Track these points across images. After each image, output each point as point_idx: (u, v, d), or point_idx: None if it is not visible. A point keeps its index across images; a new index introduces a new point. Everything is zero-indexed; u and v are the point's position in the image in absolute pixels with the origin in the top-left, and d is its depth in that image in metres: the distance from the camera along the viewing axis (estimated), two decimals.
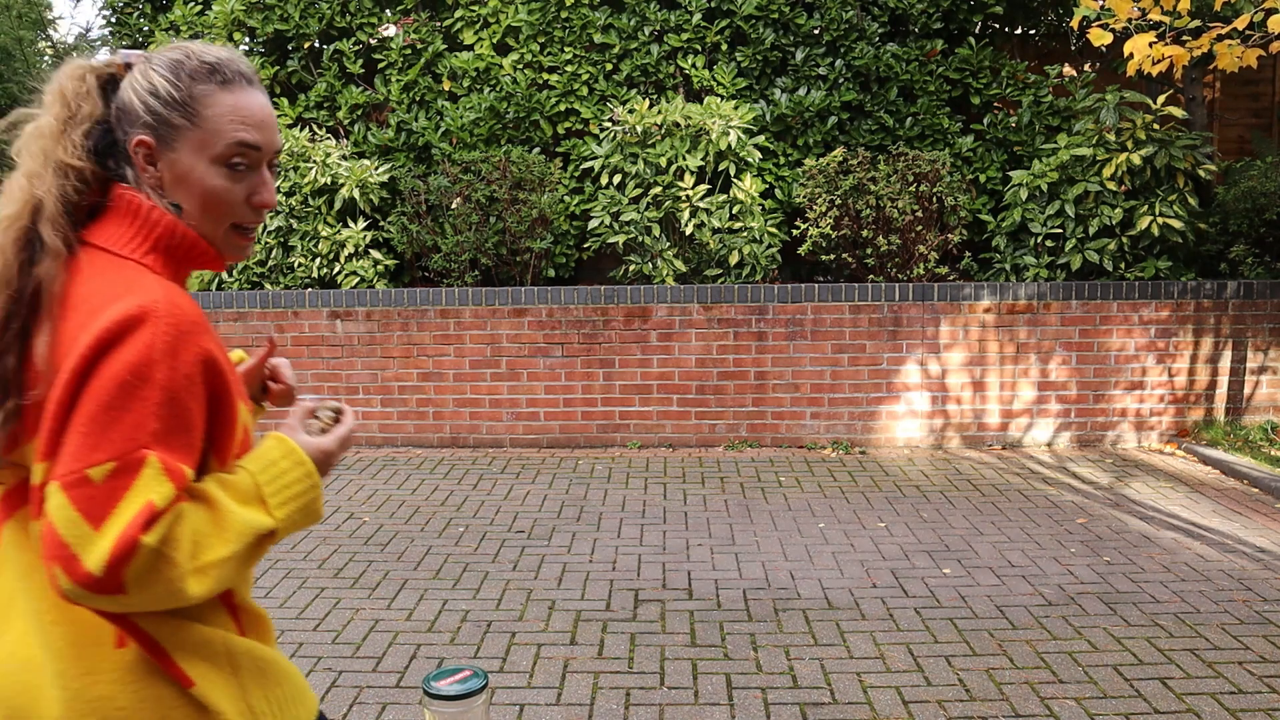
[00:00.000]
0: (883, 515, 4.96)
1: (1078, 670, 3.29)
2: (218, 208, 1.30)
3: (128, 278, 1.23)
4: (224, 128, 1.28)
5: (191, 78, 1.28)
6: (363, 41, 7.28)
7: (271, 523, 1.25)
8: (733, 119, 6.37)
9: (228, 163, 1.29)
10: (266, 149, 1.31)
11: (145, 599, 1.15)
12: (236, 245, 1.35)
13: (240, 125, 1.28)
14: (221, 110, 1.28)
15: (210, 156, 1.28)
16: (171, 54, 1.30)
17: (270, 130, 1.32)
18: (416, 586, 4.13)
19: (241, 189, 1.31)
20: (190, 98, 1.28)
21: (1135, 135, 6.14)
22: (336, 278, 6.64)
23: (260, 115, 1.30)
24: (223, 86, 1.29)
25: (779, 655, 3.43)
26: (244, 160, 1.29)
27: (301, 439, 1.33)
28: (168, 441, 1.17)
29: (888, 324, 6.24)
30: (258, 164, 1.31)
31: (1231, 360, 6.24)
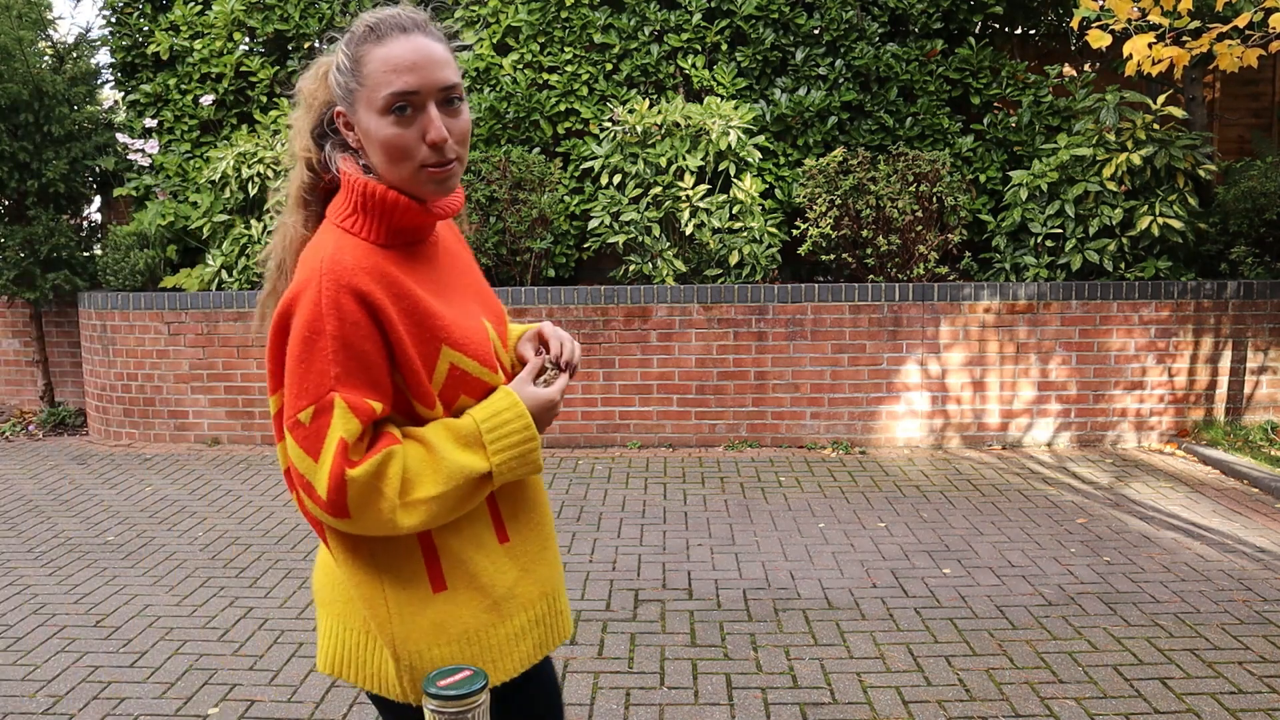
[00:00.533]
0: (883, 515, 4.96)
1: (1078, 670, 3.29)
2: (396, 155, 1.38)
3: (319, 242, 1.41)
4: (380, 80, 1.36)
5: (357, 43, 1.40)
6: None
7: (486, 466, 1.40)
8: (733, 119, 6.37)
9: (391, 110, 1.36)
10: (424, 89, 1.36)
11: (367, 525, 1.36)
12: (431, 184, 1.41)
13: (392, 74, 1.36)
14: (376, 65, 1.37)
15: (377, 110, 1.37)
16: (353, 25, 1.43)
17: (424, 70, 1.36)
18: None
19: (413, 132, 1.38)
20: (355, 61, 1.39)
21: (1135, 135, 6.14)
22: None
23: (411, 60, 1.36)
24: (377, 42, 1.38)
25: (779, 655, 3.43)
26: (406, 104, 1.36)
27: (526, 391, 1.49)
28: (349, 382, 1.34)
29: (888, 324, 6.24)
30: (421, 105, 1.37)
31: (1231, 360, 6.24)
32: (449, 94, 1.39)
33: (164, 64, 7.47)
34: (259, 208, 6.83)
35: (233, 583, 4.21)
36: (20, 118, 6.93)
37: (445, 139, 1.38)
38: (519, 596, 1.52)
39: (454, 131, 1.40)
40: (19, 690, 3.28)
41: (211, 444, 6.67)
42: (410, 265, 1.45)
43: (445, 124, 1.39)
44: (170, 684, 3.31)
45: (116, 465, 6.25)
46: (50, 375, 7.70)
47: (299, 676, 3.35)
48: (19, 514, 5.26)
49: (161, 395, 6.72)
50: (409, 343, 1.38)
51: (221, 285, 6.81)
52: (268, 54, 7.41)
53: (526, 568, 1.54)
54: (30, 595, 4.11)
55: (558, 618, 1.61)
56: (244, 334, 6.57)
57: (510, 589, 1.50)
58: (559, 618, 1.61)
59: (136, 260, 6.85)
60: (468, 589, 1.47)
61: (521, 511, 1.55)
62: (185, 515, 5.16)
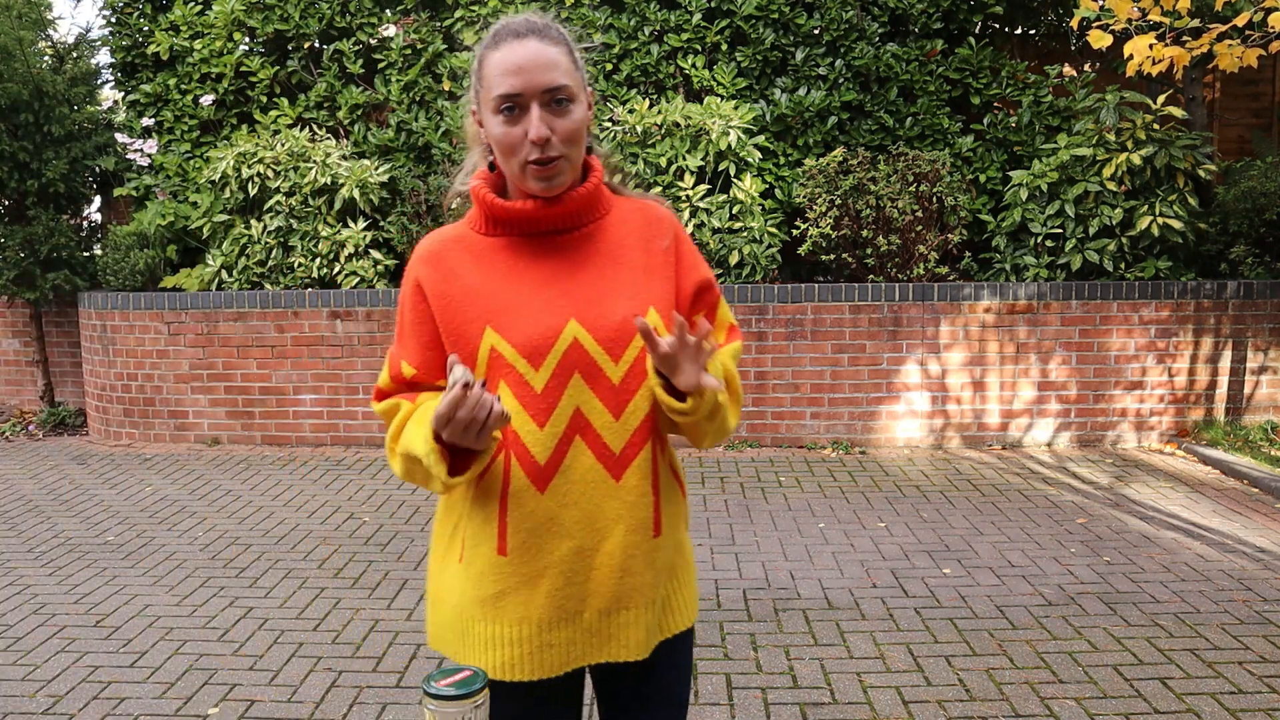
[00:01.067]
0: (883, 515, 4.96)
1: (1078, 670, 3.29)
2: (505, 151, 1.50)
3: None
4: (492, 83, 1.48)
5: (482, 48, 1.52)
6: (363, 41, 7.27)
7: (421, 450, 1.46)
8: (733, 119, 6.37)
9: (500, 110, 1.47)
10: (528, 91, 1.46)
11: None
12: (535, 180, 1.51)
13: (500, 77, 1.47)
14: (490, 68, 1.49)
15: (491, 109, 1.49)
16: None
17: (529, 73, 1.45)
18: (416, 586, 4.13)
19: (519, 130, 1.47)
20: (479, 64, 1.52)
21: (1135, 135, 6.14)
22: (336, 278, 6.64)
23: (517, 63, 1.46)
24: (494, 47, 1.49)
25: (779, 655, 3.43)
26: (512, 105, 1.47)
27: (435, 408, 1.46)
28: (398, 342, 1.61)
29: (888, 324, 6.24)
30: (525, 106, 1.46)
31: (1231, 360, 6.24)
32: (554, 95, 1.46)
33: (164, 64, 7.47)
34: (259, 208, 6.84)
35: (233, 583, 4.21)
36: (20, 118, 6.93)
37: (544, 138, 1.46)
38: (505, 609, 1.54)
39: (558, 130, 1.47)
40: (19, 690, 3.28)
41: (211, 444, 6.67)
42: (508, 253, 1.57)
43: (550, 123, 1.46)
44: (170, 684, 3.31)
45: (116, 465, 6.25)
46: (50, 375, 7.70)
47: (299, 676, 3.35)
48: (19, 514, 5.26)
49: (161, 395, 6.72)
50: (441, 319, 1.55)
51: (221, 285, 6.81)
52: (268, 54, 7.41)
53: (516, 589, 1.54)
54: (30, 595, 4.11)
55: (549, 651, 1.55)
56: (244, 334, 6.57)
57: (499, 594, 1.54)
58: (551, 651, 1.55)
59: (136, 260, 6.85)
60: (470, 573, 1.57)
61: (534, 538, 1.52)
62: (185, 515, 5.16)
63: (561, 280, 1.56)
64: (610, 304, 1.55)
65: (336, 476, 5.85)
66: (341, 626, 3.75)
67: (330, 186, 6.68)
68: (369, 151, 7.15)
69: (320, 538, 4.77)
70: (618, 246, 1.60)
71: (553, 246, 1.58)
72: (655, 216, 1.65)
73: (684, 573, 1.69)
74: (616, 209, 1.64)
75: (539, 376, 1.51)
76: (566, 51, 1.50)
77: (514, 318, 1.52)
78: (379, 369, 6.48)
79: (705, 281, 1.66)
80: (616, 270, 1.58)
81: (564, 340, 1.52)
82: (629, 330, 1.54)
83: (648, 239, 1.62)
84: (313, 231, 6.64)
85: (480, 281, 1.55)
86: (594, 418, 1.53)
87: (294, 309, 6.51)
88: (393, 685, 3.28)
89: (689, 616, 1.69)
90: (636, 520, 1.55)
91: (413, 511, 5.15)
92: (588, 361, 1.52)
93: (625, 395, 1.54)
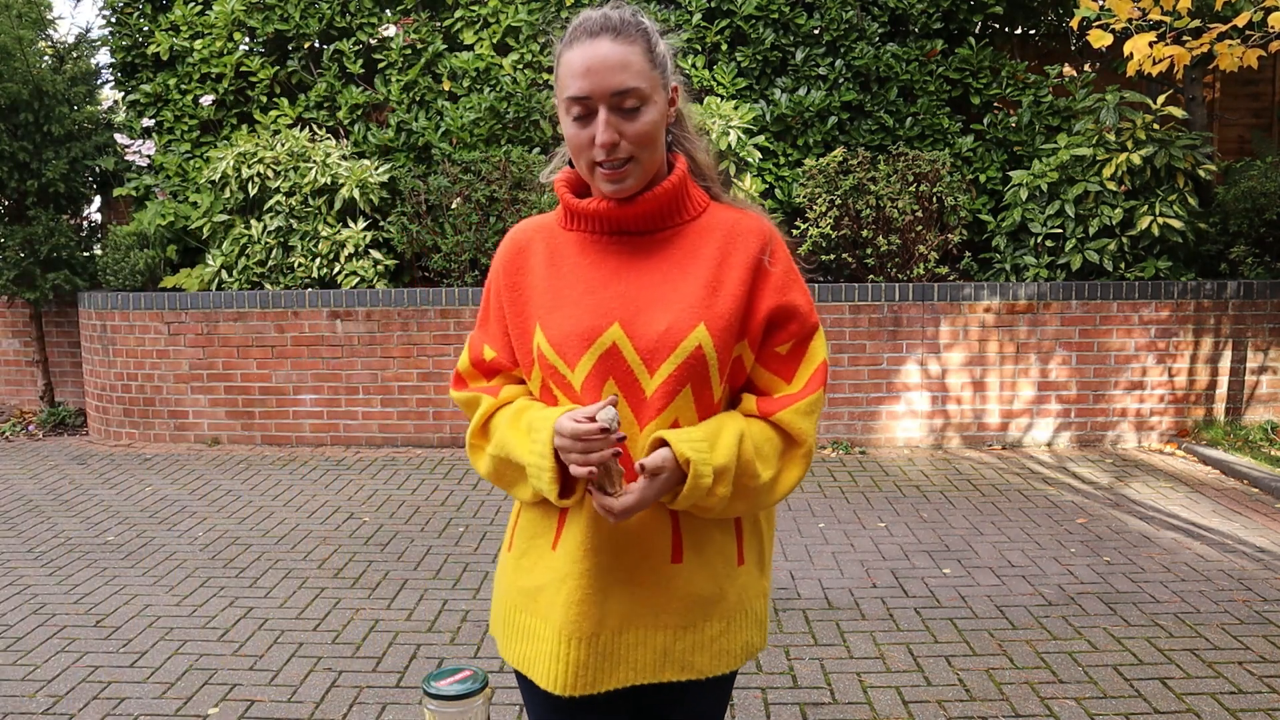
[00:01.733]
0: (883, 515, 4.96)
1: (1078, 670, 3.29)
2: (575, 151, 1.47)
3: None
4: (563, 84, 1.45)
5: (560, 45, 1.48)
6: (363, 41, 7.27)
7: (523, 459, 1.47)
8: (733, 119, 6.37)
9: (570, 113, 1.44)
10: (595, 95, 1.41)
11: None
12: (604, 183, 1.47)
13: (570, 78, 1.43)
14: (562, 69, 1.45)
15: (564, 109, 1.45)
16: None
17: (595, 76, 1.40)
18: (416, 586, 4.13)
19: (587, 134, 1.44)
20: (558, 63, 1.47)
21: (1135, 135, 6.14)
22: (336, 278, 6.64)
23: (584, 66, 1.41)
24: (568, 46, 1.45)
25: (779, 655, 3.43)
26: (579, 109, 1.43)
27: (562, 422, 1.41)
28: (480, 325, 1.62)
29: (888, 324, 6.24)
30: (593, 110, 1.42)
31: (1231, 360, 6.24)
32: (623, 100, 1.41)
33: (164, 64, 7.47)
34: (259, 208, 6.84)
35: (233, 583, 4.21)
36: (20, 118, 6.93)
37: (611, 143, 1.42)
38: (540, 604, 1.53)
39: (627, 134, 1.42)
40: (19, 690, 3.28)
41: (211, 444, 6.67)
42: (577, 249, 1.54)
43: (619, 127, 1.42)
44: (170, 684, 3.31)
45: (116, 465, 6.25)
46: (50, 375, 7.70)
47: (299, 676, 3.35)
48: (19, 514, 5.26)
49: (161, 395, 6.72)
50: (506, 310, 1.56)
51: (221, 285, 6.81)
52: (268, 54, 7.41)
53: (551, 585, 1.52)
54: (30, 595, 4.11)
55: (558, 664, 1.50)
56: (244, 334, 6.56)
57: (539, 588, 1.54)
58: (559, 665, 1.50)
59: (136, 260, 6.85)
60: (521, 563, 1.57)
61: (575, 539, 1.48)
62: (185, 515, 5.16)
63: (620, 282, 1.50)
64: (658, 313, 1.47)
65: (336, 476, 5.85)
66: (341, 626, 3.75)
67: (330, 186, 6.68)
68: (369, 151, 7.15)
69: (320, 538, 4.77)
70: (692, 255, 1.51)
71: (625, 247, 1.52)
72: (746, 228, 1.53)
73: (722, 613, 1.55)
74: (707, 216, 1.54)
75: (576, 375, 1.47)
76: (643, 49, 1.45)
77: (561, 315, 1.49)
78: (379, 369, 6.49)
79: (789, 308, 1.52)
80: (680, 279, 1.49)
81: (602, 343, 1.46)
82: (669, 342, 1.45)
83: (727, 251, 1.51)
84: (313, 231, 6.63)
85: (547, 277, 1.53)
86: (625, 427, 1.47)
87: (294, 309, 6.51)
88: (393, 685, 3.28)
89: (724, 661, 1.56)
90: (651, 544, 1.50)
91: (413, 511, 5.15)
92: (624, 369, 1.46)
93: (654, 411, 1.47)
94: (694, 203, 1.53)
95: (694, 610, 1.53)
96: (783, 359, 1.53)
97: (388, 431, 6.54)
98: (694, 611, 1.53)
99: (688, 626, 1.53)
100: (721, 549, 1.54)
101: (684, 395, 1.47)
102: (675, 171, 1.51)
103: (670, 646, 1.53)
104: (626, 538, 1.49)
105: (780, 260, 1.54)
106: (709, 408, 1.50)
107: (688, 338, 1.45)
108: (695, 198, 1.54)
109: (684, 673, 1.53)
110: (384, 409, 6.53)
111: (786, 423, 1.50)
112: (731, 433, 1.47)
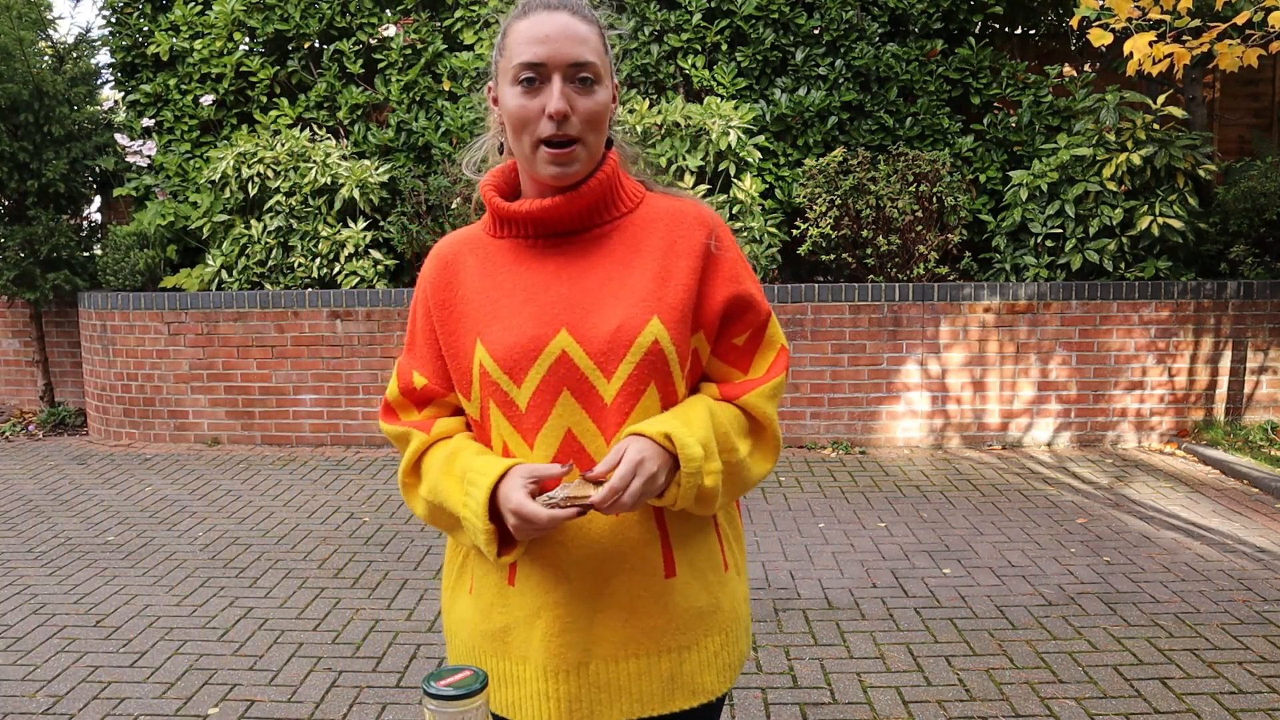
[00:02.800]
0: (883, 515, 4.96)
1: (1078, 670, 3.29)
2: (517, 126, 1.37)
3: None
4: (515, 52, 1.36)
5: (509, 19, 1.40)
6: (363, 41, 7.27)
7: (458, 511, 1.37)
8: (733, 119, 6.37)
9: (520, 81, 1.35)
10: (551, 62, 1.33)
11: None
12: (547, 165, 1.37)
13: (524, 45, 1.35)
14: (514, 37, 1.37)
15: (509, 80, 1.36)
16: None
17: (556, 43, 1.33)
18: (416, 586, 4.13)
19: (536, 104, 1.34)
20: (503, 35, 1.40)
21: (1135, 135, 6.14)
22: (336, 278, 6.64)
23: (545, 32, 1.34)
24: (521, 16, 1.38)
25: (779, 655, 3.43)
26: (533, 75, 1.34)
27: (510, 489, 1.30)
28: (408, 350, 1.50)
29: (888, 324, 6.24)
30: (547, 77, 1.34)
31: (1231, 360, 6.24)
32: (579, 71, 1.34)
33: (164, 64, 7.47)
34: (259, 208, 6.84)
35: (233, 583, 4.21)
36: (20, 118, 6.93)
37: (563, 112, 1.33)
38: (511, 645, 1.43)
39: (579, 109, 1.34)
40: (19, 690, 3.28)
41: (211, 444, 6.67)
42: (511, 257, 1.45)
43: (571, 100, 1.34)
44: (170, 684, 3.31)
45: (116, 465, 6.25)
46: (50, 375, 7.70)
47: (299, 676, 3.35)
48: (19, 514, 5.25)
49: (161, 395, 6.72)
50: (438, 330, 1.45)
51: (221, 285, 6.81)
52: (268, 54, 7.41)
53: (519, 624, 1.42)
54: (30, 595, 4.11)
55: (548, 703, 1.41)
56: (244, 334, 6.56)
57: (505, 629, 1.43)
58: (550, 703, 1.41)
59: (136, 260, 6.85)
60: (479, 605, 1.46)
61: (538, 570, 1.39)
62: (185, 515, 5.16)
63: (562, 284, 1.40)
64: (607, 312, 1.37)
65: (336, 476, 5.85)
66: (341, 626, 3.75)
67: (330, 186, 6.68)
68: (369, 151, 7.15)
69: (320, 538, 4.77)
70: (634, 248, 1.42)
71: (562, 248, 1.43)
72: (688, 216, 1.44)
73: (719, 625, 1.46)
74: (645, 207, 1.46)
75: (522, 393, 1.36)
76: (597, 33, 1.39)
77: (502, 328, 1.38)
78: (379, 369, 6.48)
79: (744, 298, 1.44)
80: (626, 274, 1.40)
81: (550, 353, 1.36)
82: (623, 340, 1.35)
83: (672, 240, 1.42)
84: (313, 231, 6.63)
85: (480, 289, 1.43)
86: (587, 441, 1.36)
87: (294, 309, 6.51)
88: (393, 685, 3.28)
89: (728, 676, 1.48)
90: (641, 559, 1.39)
91: (412, 512, 5.15)
92: (578, 377, 1.36)
93: (618, 417, 1.36)
94: (629, 195, 1.45)
95: (695, 627, 1.44)
96: (740, 350, 1.45)
97: None
98: (695, 628, 1.44)
99: (691, 646, 1.44)
100: (710, 556, 1.46)
101: (649, 396, 1.37)
102: (607, 162, 1.42)
103: (676, 670, 1.43)
104: (610, 556, 1.38)
105: (728, 246, 1.45)
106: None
107: (642, 333, 1.35)
108: (630, 190, 1.46)
109: (695, 697, 1.44)
110: None
111: (751, 405, 1.43)
112: (699, 408, 1.38)
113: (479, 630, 1.45)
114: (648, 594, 1.40)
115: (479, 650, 1.46)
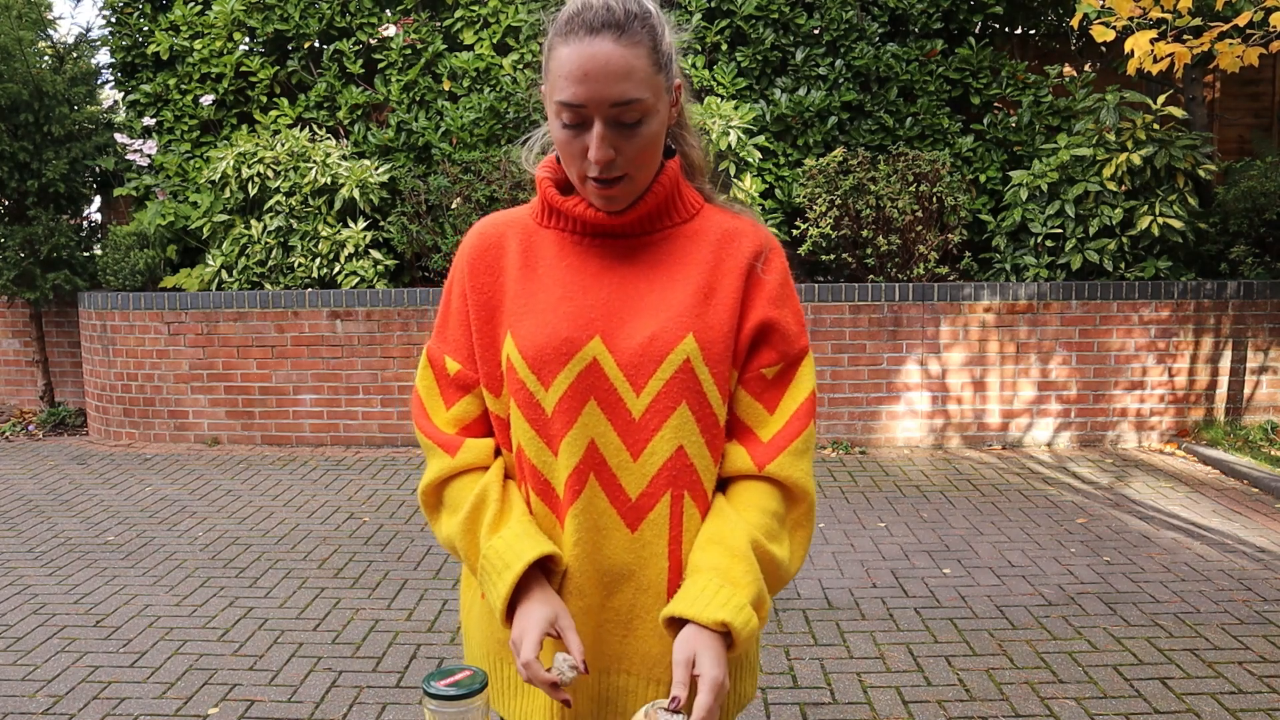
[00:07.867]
0: (883, 515, 4.96)
1: (1078, 670, 3.29)
2: (565, 158, 1.30)
3: None
4: (555, 84, 1.26)
5: (553, 32, 1.28)
6: (363, 41, 7.27)
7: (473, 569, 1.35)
8: (733, 119, 6.37)
9: (559, 118, 1.26)
10: (591, 104, 1.23)
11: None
12: (595, 197, 1.31)
13: (563, 80, 1.24)
14: (555, 65, 1.26)
15: (553, 110, 1.27)
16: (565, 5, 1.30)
17: (594, 82, 1.22)
18: (416, 586, 4.13)
19: (579, 144, 1.26)
20: (548, 52, 1.28)
21: (1135, 135, 6.14)
22: (336, 278, 6.64)
23: (583, 69, 1.22)
24: (563, 39, 1.25)
25: (779, 655, 3.43)
26: (571, 116, 1.25)
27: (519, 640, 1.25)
28: (438, 333, 1.42)
29: (888, 324, 6.24)
30: (587, 120, 1.24)
31: (1231, 360, 6.24)
32: (622, 112, 1.23)
33: (164, 64, 7.47)
34: (259, 208, 6.84)
35: (233, 583, 4.21)
36: (20, 118, 6.93)
37: (607, 160, 1.25)
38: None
39: (625, 151, 1.26)
40: (19, 690, 3.28)
41: (211, 444, 6.67)
42: (555, 250, 1.38)
43: (616, 142, 1.25)
44: (170, 684, 3.31)
45: (116, 465, 6.25)
46: (50, 375, 7.70)
47: (299, 676, 3.35)
48: (19, 514, 5.26)
49: (161, 395, 6.72)
50: (473, 316, 1.38)
51: (221, 285, 6.81)
52: (268, 54, 7.41)
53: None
54: (30, 595, 4.11)
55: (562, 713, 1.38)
56: (244, 334, 6.56)
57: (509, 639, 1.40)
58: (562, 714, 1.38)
59: (136, 260, 6.85)
60: (491, 612, 1.40)
61: (574, 581, 1.34)
62: (185, 515, 5.16)
63: (602, 288, 1.34)
64: (642, 322, 1.32)
65: (336, 476, 5.85)
66: (341, 626, 3.75)
67: (330, 186, 6.68)
68: (369, 151, 7.15)
69: (320, 538, 4.77)
70: (681, 260, 1.36)
71: (609, 250, 1.37)
72: (742, 234, 1.37)
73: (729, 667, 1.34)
74: (700, 219, 1.39)
75: (549, 397, 1.31)
76: (648, 49, 1.26)
77: (535, 324, 1.32)
78: (379, 369, 6.48)
79: (781, 325, 1.35)
80: (669, 285, 1.34)
81: (581, 359, 1.30)
82: (654, 355, 1.29)
83: (720, 257, 1.35)
84: (313, 231, 6.63)
85: (520, 279, 1.36)
86: (610, 455, 1.31)
87: (294, 309, 6.51)
88: (393, 685, 3.28)
89: (725, 716, 1.39)
90: (647, 580, 1.34)
91: (412, 511, 5.15)
92: (606, 388, 1.30)
93: (645, 433, 1.31)
94: (686, 205, 1.39)
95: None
96: (768, 383, 1.36)
97: (388, 431, 6.54)
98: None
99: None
100: None
101: (679, 415, 1.30)
102: (666, 172, 1.35)
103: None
104: (616, 577, 1.34)
105: (775, 271, 1.37)
106: (714, 432, 1.34)
107: (675, 350, 1.29)
108: (688, 199, 1.39)
109: None
110: (384, 409, 6.53)
111: (784, 477, 1.33)
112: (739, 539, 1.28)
113: (494, 637, 1.43)
114: (648, 616, 1.35)
115: (493, 655, 1.44)
